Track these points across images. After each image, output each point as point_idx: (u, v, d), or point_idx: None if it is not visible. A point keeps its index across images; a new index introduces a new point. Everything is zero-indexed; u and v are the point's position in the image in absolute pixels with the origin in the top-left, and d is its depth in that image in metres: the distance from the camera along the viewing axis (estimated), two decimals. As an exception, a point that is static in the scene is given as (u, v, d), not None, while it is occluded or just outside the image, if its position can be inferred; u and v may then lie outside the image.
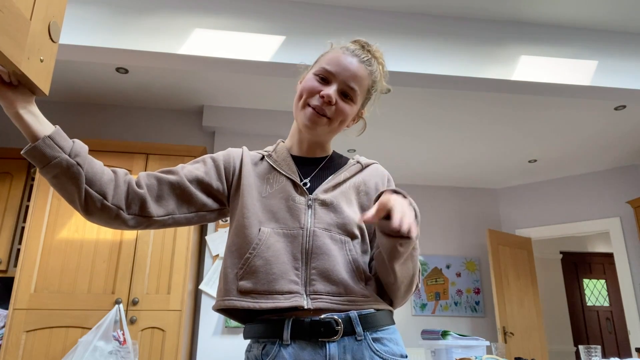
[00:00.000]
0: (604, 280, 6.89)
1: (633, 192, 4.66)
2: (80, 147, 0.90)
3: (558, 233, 5.07)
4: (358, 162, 1.12)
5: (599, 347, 2.05)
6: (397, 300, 1.01)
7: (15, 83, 0.80)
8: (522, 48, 2.78)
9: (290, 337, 0.91)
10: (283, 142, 1.16)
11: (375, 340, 0.93)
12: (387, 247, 0.90)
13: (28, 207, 2.98)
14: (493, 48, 2.76)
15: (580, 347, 2.09)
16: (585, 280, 6.82)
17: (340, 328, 0.90)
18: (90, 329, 2.56)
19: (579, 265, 6.84)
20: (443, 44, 2.72)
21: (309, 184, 1.05)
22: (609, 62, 2.83)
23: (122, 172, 0.98)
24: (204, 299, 3.17)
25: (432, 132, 4.06)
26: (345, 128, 1.13)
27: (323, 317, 0.91)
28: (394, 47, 2.68)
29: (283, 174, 1.05)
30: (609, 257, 6.89)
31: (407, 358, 0.97)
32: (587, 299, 6.73)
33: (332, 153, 1.16)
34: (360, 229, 1.02)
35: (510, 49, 2.77)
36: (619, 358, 2.70)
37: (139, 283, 2.81)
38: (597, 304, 6.74)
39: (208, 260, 3.27)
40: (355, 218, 1.02)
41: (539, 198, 5.25)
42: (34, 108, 0.85)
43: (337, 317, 0.91)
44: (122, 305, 2.69)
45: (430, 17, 2.77)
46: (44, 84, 0.80)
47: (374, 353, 0.92)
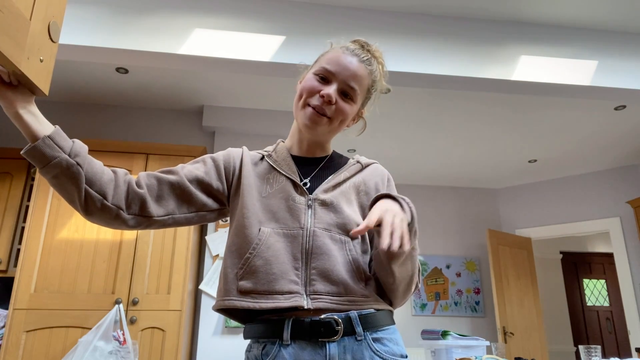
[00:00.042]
0: (604, 280, 6.89)
1: (633, 192, 4.66)
2: (80, 147, 0.90)
3: (558, 233, 5.06)
4: (358, 161, 1.12)
5: (599, 347, 2.05)
6: (396, 301, 1.01)
7: (15, 83, 0.80)
8: (522, 48, 2.78)
9: (290, 337, 0.91)
10: (283, 142, 1.16)
11: (376, 340, 0.93)
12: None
13: (28, 207, 2.98)
14: (493, 48, 2.76)
15: (580, 347, 2.09)
16: (585, 280, 6.82)
17: (340, 328, 0.90)
18: (90, 329, 2.56)
19: (579, 265, 6.84)
20: (443, 44, 2.72)
21: (309, 184, 1.05)
22: (609, 62, 2.83)
23: (122, 172, 0.98)
24: (204, 299, 3.17)
25: (432, 132, 4.06)
26: (346, 128, 1.13)
27: (323, 317, 0.91)
28: (394, 47, 2.68)
29: (283, 174, 1.05)
30: (609, 257, 6.89)
31: (407, 358, 0.97)
32: (587, 299, 6.72)
33: (332, 153, 1.16)
34: None
35: (510, 49, 2.77)
36: (619, 358, 2.69)
37: (139, 283, 2.81)
38: (597, 304, 6.74)
39: (208, 260, 3.27)
40: (356, 218, 1.01)
41: (539, 198, 5.25)
42: (34, 108, 0.85)
43: (337, 317, 0.91)
44: (122, 305, 2.69)
45: (430, 17, 2.77)
46: (44, 84, 0.80)
47: (374, 353, 0.92)
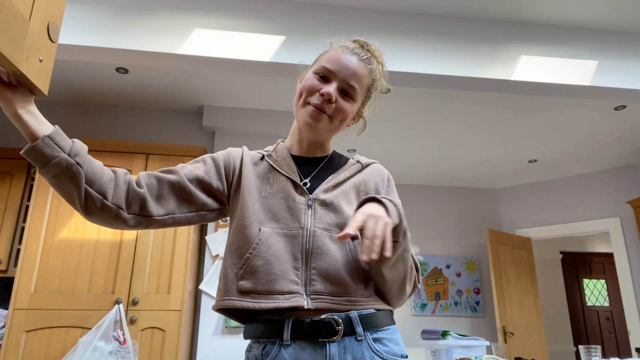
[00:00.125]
0: (604, 280, 6.89)
1: (633, 192, 4.65)
2: (80, 146, 0.90)
3: (558, 233, 5.06)
4: (358, 161, 1.12)
5: (599, 347, 2.05)
6: (392, 302, 1.00)
7: (15, 83, 0.79)
8: (522, 48, 2.78)
9: (291, 337, 0.90)
10: (283, 142, 1.15)
11: (376, 341, 0.93)
12: None
13: (28, 207, 2.98)
14: (493, 48, 2.76)
15: (580, 347, 2.09)
16: (585, 280, 6.82)
17: (341, 328, 0.90)
18: (90, 329, 2.56)
19: (579, 265, 6.84)
20: (443, 44, 2.72)
21: (309, 184, 1.05)
22: (609, 62, 2.83)
23: (122, 171, 0.98)
24: (204, 299, 3.17)
25: (432, 132, 4.06)
26: (346, 127, 1.13)
27: (323, 317, 0.91)
28: (394, 47, 2.68)
29: (283, 174, 1.05)
30: (609, 257, 6.89)
31: (407, 358, 0.97)
32: (587, 299, 6.72)
33: (332, 153, 1.16)
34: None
35: (510, 49, 2.77)
36: (619, 358, 2.69)
37: (139, 283, 2.81)
38: (597, 304, 6.74)
39: (208, 260, 3.27)
40: None
41: (539, 198, 5.25)
42: (33, 108, 0.84)
43: (337, 317, 0.91)
44: (122, 305, 2.69)
45: (430, 17, 2.77)
46: (43, 84, 0.80)
47: (375, 353, 0.91)
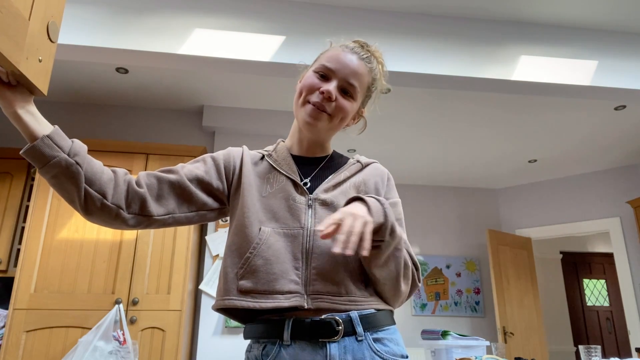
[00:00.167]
0: (604, 280, 6.89)
1: (633, 192, 4.65)
2: (80, 146, 0.90)
3: (558, 233, 5.06)
4: (358, 161, 1.12)
5: (599, 347, 2.05)
6: (389, 301, 0.99)
7: (14, 83, 0.79)
8: (522, 48, 2.78)
9: (291, 337, 0.90)
10: (283, 141, 1.15)
11: (376, 341, 0.93)
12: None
13: (28, 207, 2.98)
14: (493, 48, 2.76)
15: (580, 347, 2.09)
16: (585, 280, 6.82)
17: (341, 328, 0.90)
18: (90, 329, 2.56)
19: (579, 265, 6.84)
20: (443, 44, 2.72)
21: (309, 184, 1.05)
22: (609, 62, 2.83)
23: (121, 171, 0.98)
24: (204, 299, 3.17)
25: (432, 132, 4.06)
26: (346, 127, 1.13)
27: (324, 317, 0.91)
28: (394, 47, 2.68)
29: (283, 174, 1.05)
30: (609, 257, 6.89)
31: (407, 358, 0.97)
32: (587, 299, 6.72)
33: (332, 152, 1.16)
34: None
35: (510, 49, 2.77)
36: (619, 358, 2.69)
37: (139, 283, 2.81)
38: (597, 304, 6.74)
39: (208, 260, 3.27)
40: None
41: (539, 198, 5.25)
42: (33, 108, 0.84)
43: (337, 317, 0.91)
44: (122, 305, 2.69)
45: (430, 17, 2.77)
46: (43, 84, 0.80)
47: (375, 353, 0.91)
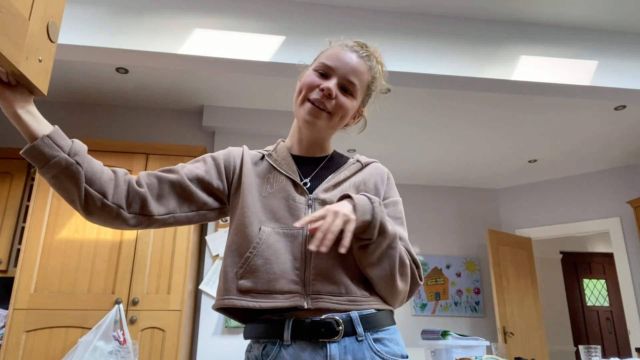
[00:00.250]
0: (604, 280, 6.89)
1: (633, 192, 4.65)
2: (80, 146, 0.90)
3: (558, 233, 5.06)
4: (358, 161, 1.12)
5: (599, 347, 2.05)
6: (387, 300, 0.98)
7: (14, 83, 0.79)
8: (522, 48, 2.78)
9: (291, 337, 0.90)
10: (283, 141, 1.15)
11: (376, 341, 0.93)
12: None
13: (28, 207, 2.98)
14: (493, 48, 2.76)
15: (580, 347, 2.09)
16: (585, 280, 6.82)
17: (341, 328, 0.90)
18: (90, 329, 2.56)
19: (579, 265, 6.84)
20: (443, 44, 2.72)
21: (309, 184, 1.05)
22: (609, 62, 2.83)
23: (121, 171, 0.98)
24: (204, 299, 3.17)
25: (432, 132, 4.06)
26: (346, 126, 1.13)
27: (324, 317, 0.91)
28: (394, 47, 2.68)
29: (283, 174, 1.05)
30: (609, 257, 6.89)
31: (407, 358, 0.97)
32: (587, 299, 6.72)
33: (332, 152, 1.16)
34: None
35: (510, 49, 2.77)
36: (619, 358, 2.69)
37: (139, 283, 2.81)
38: (597, 304, 6.74)
39: (208, 260, 3.27)
40: None
41: (539, 198, 5.25)
42: (33, 108, 0.84)
43: (338, 317, 0.91)
44: (122, 305, 2.69)
45: (430, 17, 2.77)
46: (43, 84, 0.80)
47: (375, 353, 0.91)
